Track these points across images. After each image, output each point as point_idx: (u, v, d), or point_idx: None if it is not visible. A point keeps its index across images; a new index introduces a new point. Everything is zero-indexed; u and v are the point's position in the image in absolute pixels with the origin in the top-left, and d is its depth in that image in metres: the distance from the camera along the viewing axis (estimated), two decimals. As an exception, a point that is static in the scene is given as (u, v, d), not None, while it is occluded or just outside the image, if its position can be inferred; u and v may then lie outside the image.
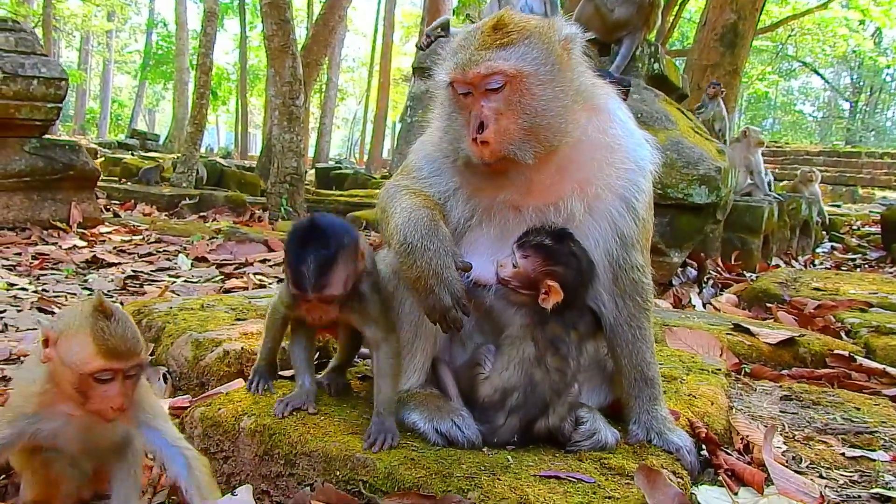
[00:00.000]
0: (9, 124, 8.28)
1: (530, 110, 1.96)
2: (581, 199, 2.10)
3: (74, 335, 1.69)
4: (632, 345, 2.20)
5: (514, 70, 1.94)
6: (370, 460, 1.88)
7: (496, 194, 2.11)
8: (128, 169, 17.65)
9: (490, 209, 2.13)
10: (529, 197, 2.09)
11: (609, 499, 1.79)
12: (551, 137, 1.99)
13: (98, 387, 1.69)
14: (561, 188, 2.09)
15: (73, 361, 1.67)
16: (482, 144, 1.93)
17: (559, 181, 2.09)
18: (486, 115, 1.93)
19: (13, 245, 7.47)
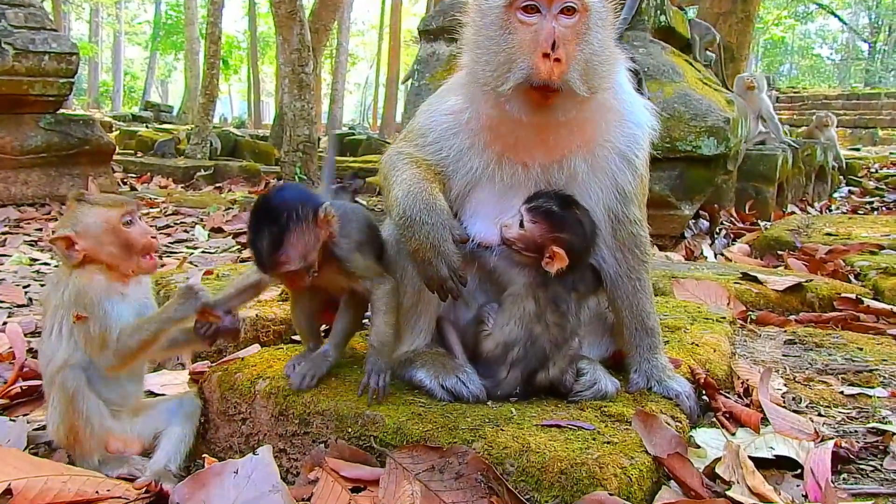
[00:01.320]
0: (23, 101, 8.38)
1: (592, 46, 1.99)
2: (585, 157, 2.15)
3: (87, 218, 2.09)
4: (632, 296, 2.27)
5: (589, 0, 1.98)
6: (379, 416, 1.97)
7: (506, 149, 2.14)
8: (143, 142, 17.78)
9: (499, 165, 2.16)
10: (537, 152, 2.14)
11: (608, 444, 1.87)
12: (599, 81, 2.02)
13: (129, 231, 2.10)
14: (568, 145, 2.14)
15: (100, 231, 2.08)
16: (555, 62, 1.90)
17: (567, 140, 2.13)
18: (560, 34, 1.92)
19: (33, 221, 7.64)
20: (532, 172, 2.14)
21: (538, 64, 1.90)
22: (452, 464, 1.86)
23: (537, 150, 2.13)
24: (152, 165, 13.70)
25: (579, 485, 1.75)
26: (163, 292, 3.24)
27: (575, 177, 2.15)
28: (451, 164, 2.19)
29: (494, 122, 2.12)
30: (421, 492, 1.79)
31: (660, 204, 5.91)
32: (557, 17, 1.94)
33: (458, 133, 2.19)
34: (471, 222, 2.19)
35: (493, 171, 2.16)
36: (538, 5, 1.95)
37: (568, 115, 2.03)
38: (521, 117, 2.01)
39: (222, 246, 6.74)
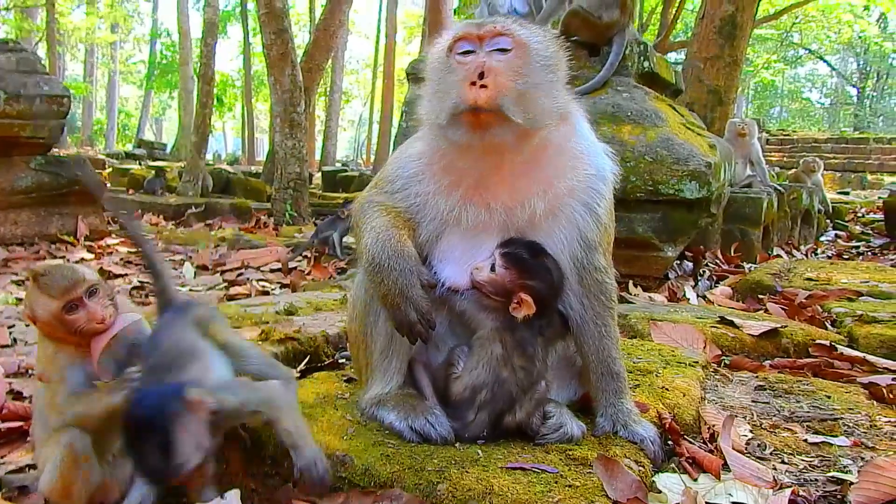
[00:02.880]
0: (14, 143, 8.47)
1: (528, 81, 2.08)
2: (544, 200, 2.22)
3: (33, 300, 2.10)
4: (598, 342, 2.33)
5: (524, 39, 2.10)
6: (349, 458, 2.02)
7: (469, 191, 2.21)
8: (135, 179, 17.87)
9: (464, 207, 2.22)
10: (499, 195, 2.21)
11: (569, 487, 1.92)
12: (539, 115, 2.09)
13: (75, 317, 2.07)
14: (528, 188, 2.21)
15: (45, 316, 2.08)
16: (481, 87, 1.99)
17: (526, 181, 2.21)
18: (490, 66, 2.02)
19: (22, 260, 7.67)
20: (495, 214, 2.21)
21: (466, 91, 2.01)
22: (387, 508, 1.90)
23: (499, 192, 2.20)
24: (143, 203, 13.77)
25: (540, 527, 1.79)
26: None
27: (535, 219, 2.22)
28: (419, 210, 2.27)
29: (453, 163, 2.21)
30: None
31: (643, 245, 6.00)
32: (491, 54, 2.07)
33: (424, 178, 2.27)
34: (440, 266, 2.26)
35: (458, 215, 2.23)
36: (472, 48, 2.09)
37: (517, 146, 2.11)
38: (463, 140, 2.08)
39: (209, 283, 6.78)
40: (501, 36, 2.07)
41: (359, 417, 2.29)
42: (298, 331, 3.24)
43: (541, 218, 2.22)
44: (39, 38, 35.58)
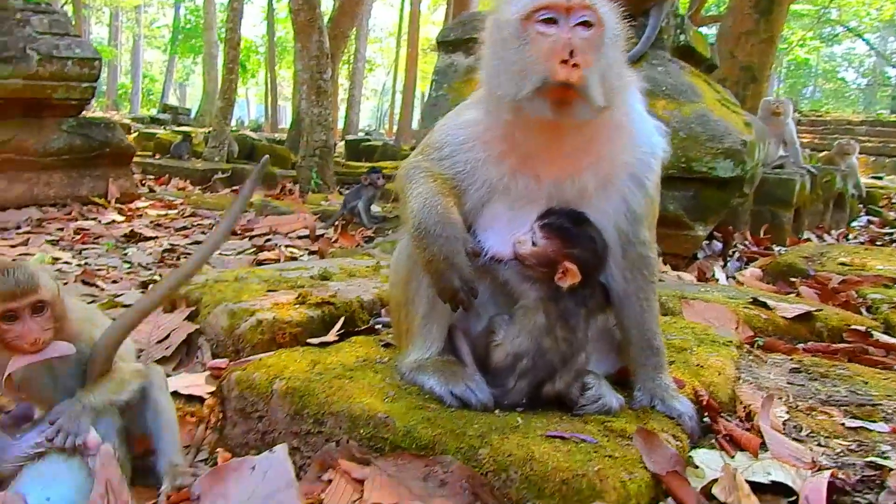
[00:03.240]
0: (46, 105, 8.55)
1: (607, 60, 2.05)
2: (595, 174, 2.22)
3: None
4: (639, 316, 2.33)
5: (604, 15, 2.05)
6: (391, 419, 2.05)
7: (520, 162, 2.20)
8: (161, 144, 17.98)
9: (513, 177, 2.21)
10: (550, 166, 2.20)
11: (609, 457, 1.93)
12: (611, 93, 2.07)
13: (12, 327, 1.89)
14: (579, 162, 2.20)
15: None
16: (573, 66, 1.95)
17: (579, 154, 2.19)
18: (578, 43, 1.97)
19: (55, 221, 7.79)
20: (544, 186, 2.21)
21: (556, 68, 1.95)
22: (437, 472, 1.92)
23: (551, 164, 2.19)
24: (170, 167, 13.88)
25: (579, 495, 1.80)
26: (183, 291, 3.33)
27: (585, 193, 2.22)
28: (466, 178, 2.26)
29: (510, 134, 2.18)
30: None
31: (673, 223, 5.96)
32: (574, 28, 2.00)
33: (474, 146, 2.25)
34: (484, 236, 2.27)
35: (507, 184, 2.22)
36: (556, 17, 2.02)
37: (583, 123, 2.09)
38: (540, 115, 2.03)
39: (238, 248, 6.84)
40: (587, 9, 2.02)
41: (398, 381, 2.31)
42: (334, 295, 3.27)
43: (590, 193, 2.21)
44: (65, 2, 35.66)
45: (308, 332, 3.00)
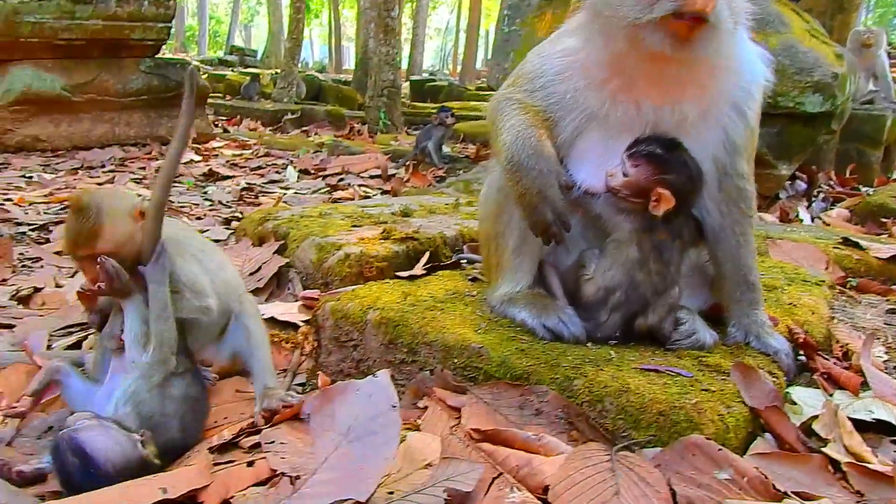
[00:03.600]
0: (124, 45, 8.76)
1: None
2: (698, 102, 2.14)
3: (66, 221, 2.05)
4: (735, 250, 2.28)
5: None
6: (485, 350, 2.08)
7: (621, 88, 2.14)
8: (230, 85, 18.23)
9: (613, 104, 2.15)
10: (652, 92, 2.13)
11: (705, 391, 1.92)
12: (734, 22, 2.01)
13: (78, 265, 2.06)
14: (683, 91, 2.13)
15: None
16: None
17: (684, 82, 2.12)
18: None
19: (136, 160, 8.05)
20: (644, 113, 2.14)
21: None
22: (532, 401, 1.95)
23: (653, 91, 2.12)
24: (241, 108, 14.10)
25: (677, 427, 1.81)
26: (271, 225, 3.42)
27: (685, 121, 2.14)
28: (561, 109, 2.21)
29: (614, 61, 2.11)
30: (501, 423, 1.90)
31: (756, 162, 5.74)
32: None
33: (572, 75, 2.19)
34: (577, 169, 2.23)
35: (606, 111, 2.16)
36: None
37: (705, 52, 2.01)
38: (659, 46, 1.95)
39: (312, 187, 6.95)
40: None
41: (489, 314, 2.33)
42: (417, 231, 3.30)
43: (691, 121, 2.14)
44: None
45: (393, 266, 3.05)
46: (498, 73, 6.48)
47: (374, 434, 1.70)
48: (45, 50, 8.31)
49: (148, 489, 1.63)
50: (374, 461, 1.63)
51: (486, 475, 1.63)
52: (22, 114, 8.12)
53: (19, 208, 5.36)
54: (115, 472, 1.73)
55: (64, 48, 8.40)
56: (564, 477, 1.64)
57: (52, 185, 6.45)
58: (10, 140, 8.10)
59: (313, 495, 1.56)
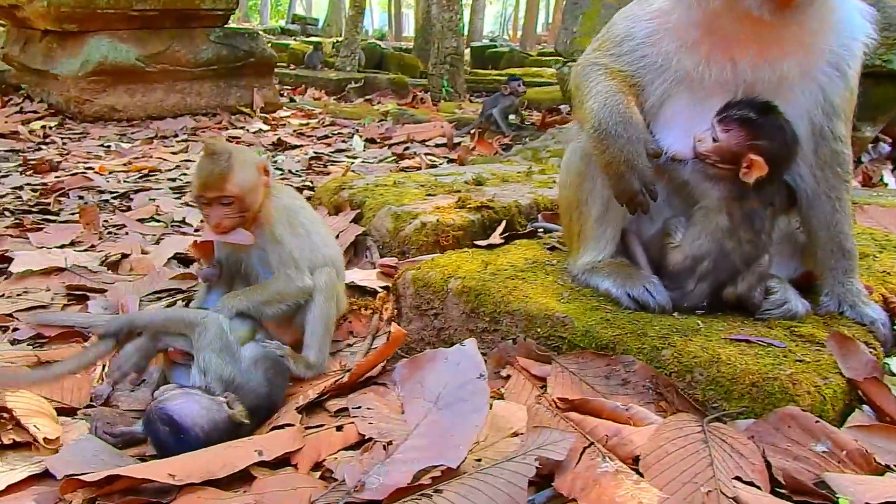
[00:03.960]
0: (195, 15, 8.90)
1: None
2: (798, 60, 2.05)
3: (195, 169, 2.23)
4: (830, 216, 2.20)
5: None
6: (569, 319, 2.07)
7: (715, 47, 2.06)
8: (294, 54, 18.40)
9: (707, 64, 2.07)
10: (749, 53, 2.04)
11: (800, 362, 1.87)
12: None
13: (204, 209, 2.19)
14: (783, 45, 2.03)
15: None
16: None
17: (783, 41, 2.03)
18: None
19: (208, 129, 8.23)
20: (740, 73, 2.05)
21: None
22: (619, 371, 1.94)
23: (750, 49, 2.03)
24: (305, 77, 14.22)
25: (771, 398, 1.77)
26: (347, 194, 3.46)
27: (784, 81, 2.05)
28: (650, 72, 2.14)
29: (710, 20, 2.03)
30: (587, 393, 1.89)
31: (841, 123, 5.51)
32: None
33: (663, 37, 2.12)
34: (664, 134, 2.17)
35: (699, 73, 2.07)
36: None
37: (804, 14, 1.93)
38: (762, 16, 1.89)
39: (379, 156, 6.99)
40: None
41: (570, 283, 2.32)
42: (492, 200, 3.29)
43: (790, 80, 2.05)
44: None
45: (469, 234, 3.05)
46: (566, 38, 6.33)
47: (463, 402, 1.71)
48: (120, 21, 8.52)
49: (244, 451, 1.69)
50: (463, 428, 1.65)
51: (577, 444, 1.62)
52: (99, 84, 8.37)
53: (101, 177, 5.56)
54: (205, 434, 1.80)
55: (138, 19, 8.59)
56: (656, 447, 1.63)
57: (129, 154, 6.67)
58: (88, 110, 8.38)
59: (406, 460, 1.59)
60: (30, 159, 6.14)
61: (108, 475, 1.54)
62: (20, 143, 6.96)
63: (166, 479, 1.55)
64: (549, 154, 5.60)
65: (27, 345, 2.51)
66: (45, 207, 4.54)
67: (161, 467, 1.59)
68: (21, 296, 2.92)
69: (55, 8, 8.14)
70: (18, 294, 2.94)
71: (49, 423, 1.92)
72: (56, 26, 8.44)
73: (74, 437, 1.88)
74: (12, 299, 2.89)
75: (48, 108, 8.80)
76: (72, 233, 3.83)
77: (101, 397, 2.21)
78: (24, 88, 9.50)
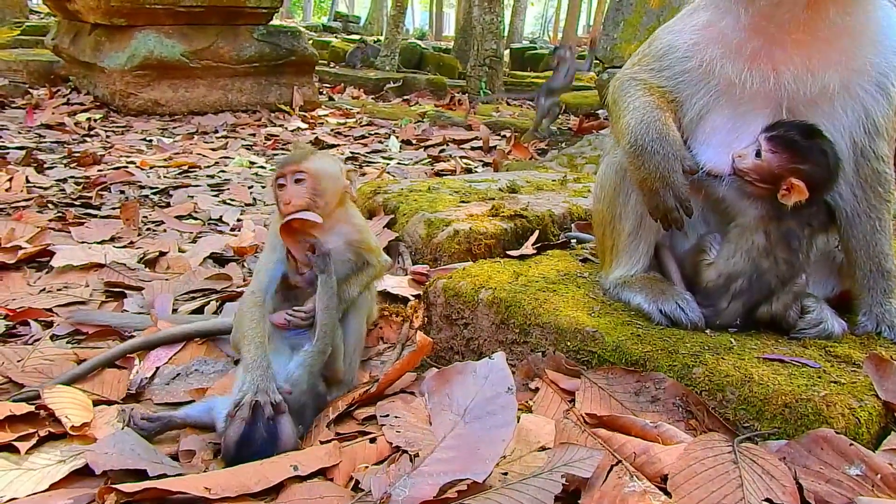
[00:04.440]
0: (240, 12, 9.02)
1: None
2: (838, 72, 2.02)
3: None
4: (869, 236, 2.16)
5: None
6: (599, 334, 2.06)
7: (757, 57, 2.04)
8: (335, 52, 18.52)
9: (748, 74, 2.05)
10: (792, 59, 2.02)
11: (835, 383, 1.84)
12: None
13: (281, 194, 2.19)
14: (825, 58, 2.01)
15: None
16: None
17: (825, 50, 2.01)
18: None
19: (248, 126, 8.34)
20: (782, 83, 2.03)
21: None
22: (649, 388, 1.92)
23: (794, 57, 2.01)
24: (345, 76, 14.32)
25: (804, 420, 1.74)
26: (381, 199, 3.48)
27: (826, 92, 2.02)
28: (689, 86, 2.13)
29: (755, 25, 2.01)
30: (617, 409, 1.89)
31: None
32: None
33: (707, 45, 2.10)
34: (702, 150, 2.16)
35: (742, 80, 2.05)
36: None
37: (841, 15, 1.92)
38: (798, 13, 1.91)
39: (415, 157, 7.02)
40: None
41: (602, 297, 2.32)
42: (525, 209, 3.29)
43: (832, 93, 2.02)
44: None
45: (502, 243, 3.06)
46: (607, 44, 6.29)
47: (491, 415, 1.72)
48: (167, 16, 8.67)
49: (281, 467, 1.71)
50: (491, 442, 1.66)
51: (605, 462, 1.62)
52: (144, 78, 8.53)
53: (142, 171, 5.67)
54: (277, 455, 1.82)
55: (185, 14, 8.74)
56: (685, 467, 1.62)
57: (170, 149, 6.79)
58: (132, 103, 8.55)
59: (432, 473, 1.60)
60: (74, 151, 6.28)
61: (145, 487, 1.57)
62: (66, 135, 7.13)
63: (202, 493, 1.58)
64: (585, 161, 5.57)
65: (66, 342, 2.59)
66: (88, 201, 4.64)
67: (198, 481, 1.62)
68: (61, 291, 3.01)
69: (105, 2, 8.32)
70: (59, 289, 3.02)
71: (80, 412, 1.96)
72: (105, 20, 8.62)
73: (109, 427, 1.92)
74: (52, 294, 2.97)
75: (94, 100, 9.00)
76: (112, 228, 3.91)
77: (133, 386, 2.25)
78: (71, 80, 9.74)
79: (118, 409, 2.04)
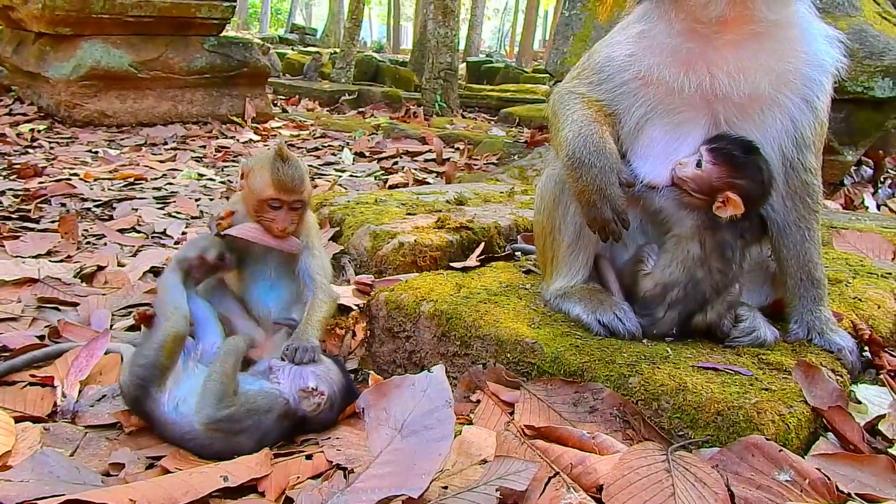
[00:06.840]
0: (190, 23, 8.91)
1: None
2: (769, 79, 2.08)
3: (259, 171, 2.21)
4: (799, 245, 2.22)
5: None
6: (538, 345, 2.07)
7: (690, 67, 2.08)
8: (291, 64, 18.40)
9: (685, 78, 2.08)
10: (724, 63, 2.06)
11: (766, 390, 1.88)
12: None
13: (271, 212, 2.20)
14: (754, 64, 2.06)
15: (255, 189, 2.20)
16: None
17: (754, 56, 2.06)
18: None
19: (198, 138, 8.22)
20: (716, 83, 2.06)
21: None
22: (587, 398, 1.94)
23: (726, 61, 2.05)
24: (300, 88, 14.24)
25: (735, 427, 1.78)
26: (327, 211, 3.46)
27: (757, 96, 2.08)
28: (627, 98, 2.16)
29: (688, 30, 2.06)
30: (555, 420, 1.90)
31: (820, 148, 5.56)
32: None
33: (644, 55, 2.13)
34: (639, 162, 2.19)
35: (680, 83, 2.08)
36: None
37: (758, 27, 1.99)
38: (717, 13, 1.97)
39: (367, 170, 7.00)
40: None
41: (542, 308, 2.33)
42: (472, 220, 3.29)
43: (762, 100, 2.08)
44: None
45: (447, 255, 3.06)
46: (557, 58, 6.36)
47: (428, 429, 1.71)
48: (115, 26, 8.49)
49: (209, 477, 1.68)
50: (428, 457, 1.65)
51: (541, 474, 1.62)
52: (90, 89, 8.32)
53: (85, 184, 5.53)
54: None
55: (133, 24, 8.57)
56: (619, 476, 1.63)
57: (116, 161, 6.62)
58: (78, 114, 8.33)
59: (367, 489, 1.59)
60: (15, 163, 6.09)
61: (67, 500, 1.52)
62: (7, 147, 6.90)
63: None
64: (536, 173, 5.62)
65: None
66: (26, 214, 4.50)
67: (122, 492, 1.58)
68: (-8, 306, 2.90)
69: (49, 10, 8.12)
70: (-11, 305, 2.92)
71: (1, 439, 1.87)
72: (50, 29, 8.42)
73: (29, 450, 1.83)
74: (-18, 310, 2.86)
75: (38, 111, 8.76)
76: (49, 242, 3.79)
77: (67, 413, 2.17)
78: (14, 90, 9.48)
79: (41, 428, 1.97)
